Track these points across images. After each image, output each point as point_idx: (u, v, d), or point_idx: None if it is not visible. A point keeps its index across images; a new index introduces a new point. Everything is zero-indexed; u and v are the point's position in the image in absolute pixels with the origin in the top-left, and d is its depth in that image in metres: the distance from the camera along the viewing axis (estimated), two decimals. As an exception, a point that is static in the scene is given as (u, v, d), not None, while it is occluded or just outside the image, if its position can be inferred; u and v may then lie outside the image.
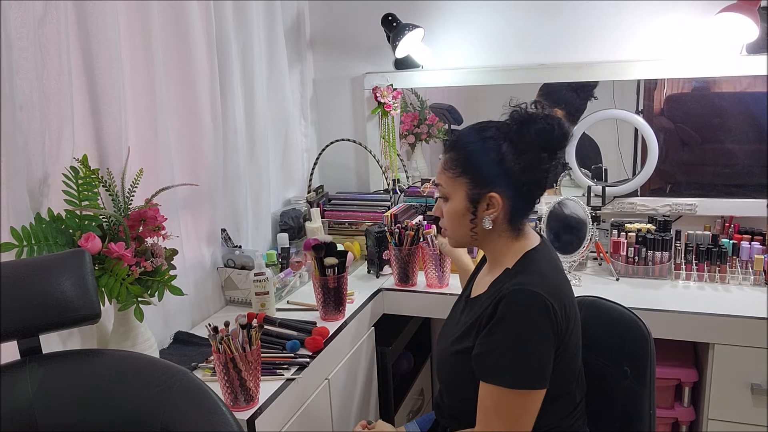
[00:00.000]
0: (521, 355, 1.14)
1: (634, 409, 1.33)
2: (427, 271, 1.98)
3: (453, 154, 1.26)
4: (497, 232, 1.26)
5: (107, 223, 1.38)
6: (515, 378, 1.14)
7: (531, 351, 1.14)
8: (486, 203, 1.23)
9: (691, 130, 2.17)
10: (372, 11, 2.31)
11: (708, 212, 2.12)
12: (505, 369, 1.15)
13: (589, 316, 1.45)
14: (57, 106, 1.34)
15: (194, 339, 1.67)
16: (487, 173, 1.22)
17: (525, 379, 1.14)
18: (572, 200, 2.01)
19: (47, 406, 1.03)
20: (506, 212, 1.24)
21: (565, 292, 1.21)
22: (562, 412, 1.25)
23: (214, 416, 1.01)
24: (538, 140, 1.21)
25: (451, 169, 1.26)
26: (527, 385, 1.14)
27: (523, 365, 1.14)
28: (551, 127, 1.22)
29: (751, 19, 1.84)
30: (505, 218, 1.25)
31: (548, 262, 1.25)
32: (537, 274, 1.20)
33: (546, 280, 1.18)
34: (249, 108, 2.02)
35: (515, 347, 1.14)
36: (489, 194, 1.22)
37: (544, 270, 1.22)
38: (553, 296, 1.16)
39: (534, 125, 1.21)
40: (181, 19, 1.67)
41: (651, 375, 1.31)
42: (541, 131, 1.21)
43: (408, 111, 2.49)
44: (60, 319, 1.04)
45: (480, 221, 1.25)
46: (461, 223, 1.27)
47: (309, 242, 1.74)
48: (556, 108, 2.26)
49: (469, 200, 1.24)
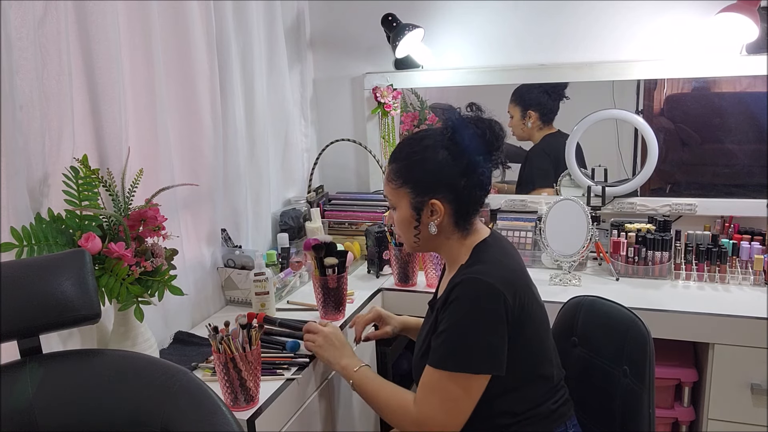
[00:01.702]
0: (463, 339, 1.18)
1: (634, 409, 1.33)
2: (427, 271, 1.98)
3: (394, 165, 1.31)
4: (445, 235, 1.31)
5: (107, 223, 1.37)
6: (455, 362, 1.18)
7: (474, 336, 1.17)
8: (429, 210, 1.28)
9: (691, 130, 2.17)
10: (372, 11, 2.31)
11: (708, 212, 2.12)
12: (447, 353, 1.18)
13: (588, 316, 1.45)
14: (57, 106, 1.34)
15: (194, 339, 1.67)
16: (426, 181, 1.27)
17: (465, 362, 1.17)
18: (572, 200, 2.01)
19: (47, 406, 1.03)
20: (450, 216, 1.28)
21: (518, 278, 1.24)
22: (540, 395, 1.27)
23: (214, 416, 1.01)
24: (471, 144, 1.25)
25: (393, 180, 1.31)
26: (467, 369, 1.17)
27: (464, 350, 1.17)
28: (482, 131, 1.26)
29: (751, 19, 1.84)
30: (450, 222, 1.29)
31: (498, 250, 1.29)
32: (486, 263, 1.24)
33: (495, 268, 1.22)
34: (249, 108, 2.02)
35: (458, 332, 1.18)
36: (430, 201, 1.27)
37: (493, 258, 1.25)
38: (503, 283, 1.19)
39: (466, 130, 1.25)
40: (181, 19, 1.67)
41: (650, 374, 1.31)
42: (472, 136, 1.25)
43: (408, 111, 2.49)
44: (60, 319, 1.04)
45: (425, 227, 1.29)
46: (408, 230, 1.32)
47: (309, 242, 1.74)
48: (530, 110, 2.28)
49: (413, 208, 1.29)
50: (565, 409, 1.31)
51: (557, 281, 1.95)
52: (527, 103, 2.29)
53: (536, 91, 2.27)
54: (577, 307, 1.48)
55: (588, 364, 1.43)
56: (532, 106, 2.29)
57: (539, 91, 2.27)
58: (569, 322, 1.49)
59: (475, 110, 1.30)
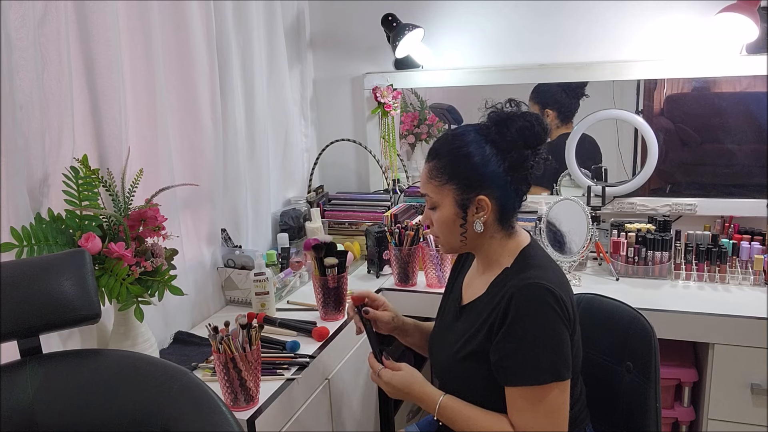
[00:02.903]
0: (543, 349, 1.14)
1: (640, 404, 1.33)
2: (427, 271, 1.98)
3: (437, 162, 1.27)
4: (489, 233, 1.27)
5: (107, 223, 1.37)
6: (545, 373, 1.14)
7: (551, 342, 1.14)
8: (475, 207, 1.24)
9: (691, 130, 2.17)
10: (372, 11, 2.31)
11: (708, 212, 2.12)
12: (533, 367, 1.14)
13: (587, 314, 1.46)
14: (57, 106, 1.34)
15: (194, 339, 1.67)
16: (474, 177, 1.23)
17: (554, 371, 1.14)
18: (572, 200, 2.01)
19: (47, 406, 1.03)
20: (496, 213, 1.26)
21: (566, 284, 1.23)
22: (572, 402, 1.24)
23: (214, 416, 1.01)
24: (520, 138, 1.22)
25: (436, 177, 1.26)
26: (558, 377, 1.14)
27: (550, 358, 1.14)
28: (530, 123, 1.23)
29: (751, 19, 1.84)
30: (495, 219, 1.26)
31: (545, 256, 1.27)
32: (540, 268, 1.21)
33: (549, 273, 1.20)
34: (249, 108, 2.02)
35: (535, 343, 1.14)
36: (477, 197, 1.23)
37: (544, 264, 1.23)
38: (561, 288, 1.17)
39: (514, 124, 1.23)
40: (181, 19, 1.68)
41: (656, 369, 1.31)
42: (521, 129, 1.23)
43: (408, 111, 2.49)
44: (60, 319, 1.04)
45: (471, 225, 1.26)
46: (452, 229, 1.27)
47: (309, 242, 1.74)
48: (548, 109, 2.27)
49: (459, 206, 1.25)
50: (584, 415, 1.31)
51: (557, 281, 1.95)
52: (545, 102, 2.28)
53: (554, 89, 2.25)
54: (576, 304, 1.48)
55: (587, 361, 1.42)
56: (550, 104, 2.27)
57: (557, 90, 2.25)
58: None
59: (515, 105, 1.28)
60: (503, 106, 1.28)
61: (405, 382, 1.31)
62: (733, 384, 1.69)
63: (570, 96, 2.25)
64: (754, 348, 1.65)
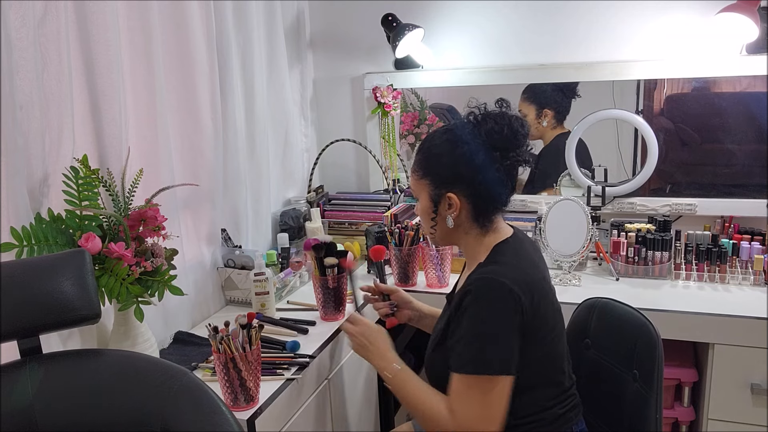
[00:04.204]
0: (486, 341, 1.17)
1: (642, 413, 1.33)
2: (427, 271, 1.98)
3: (418, 156, 1.34)
4: (464, 229, 1.31)
5: (107, 223, 1.37)
6: (481, 364, 1.17)
7: (495, 337, 1.17)
8: (446, 203, 1.28)
9: (691, 130, 2.17)
10: (372, 11, 2.31)
11: (708, 212, 2.12)
12: (471, 356, 1.18)
13: (601, 318, 1.45)
14: (57, 106, 1.34)
15: (194, 339, 1.67)
16: (444, 175, 1.28)
17: (490, 363, 1.17)
18: (572, 200, 2.01)
19: (47, 406, 1.03)
20: (468, 211, 1.29)
21: (533, 280, 1.23)
22: (549, 399, 1.27)
23: (214, 416, 1.01)
24: (489, 140, 1.24)
25: (416, 171, 1.33)
26: (493, 370, 1.17)
27: (489, 351, 1.17)
28: (500, 127, 1.25)
29: (751, 19, 1.84)
30: (468, 217, 1.29)
31: (517, 251, 1.28)
32: (503, 264, 1.23)
33: (512, 269, 1.21)
34: (249, 108, 2.02)
35: (478, 334, 1.17)
36: (447, 195, 1.27)
37: (510, 260, 1.25)
38: (519, 284, 1.18)
39: (485, 125, 1.25)
40: (181, 19, 1.67)
41: (659, 379, 1.31)
42: (490, 131, 1.25)
43: (408, 111, 2.49)
44: (60, 319, 1.04)
45: (443, 220, 1.30)
46: (426, 221, 1.34)
47: (309, 242, 1.74)
48: (546, 108, 2.27)
49: (431, 200, 1.31)
50: (573, 414, 1.30)
51: (557, 281, 1.95)
52: (542, 102, 2.27)
53: (550, 88, 2.24)
54: (591, 309, 1.48)
55: (599, 366, 1.42)
56: (548, 104, 2.26)
57: (553, 89, 2.24)
58: (583, 324, 1.49)
59: (503, 106, 1.30)
60: (486, 106, 1.30)
61: (377, 335, 1.41)
62: (733, 384, 1.69)
63: (566, 95, 2.24)
64: (754, 348, 1.65)
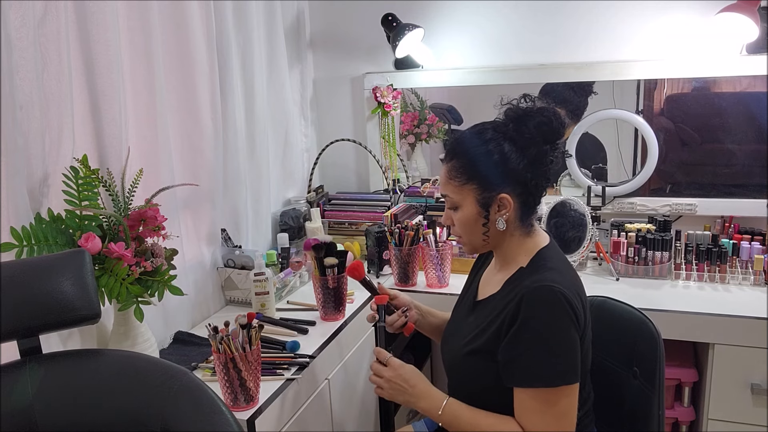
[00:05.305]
0: (553, 352, 1.14)
1: (643, 410, 1.33)
2: (427, 271, 1.98)
3: (456, 162, 1.25)
4: (509, 231, 1.26)
5: (107, 223, 1.37)
6: (553, 376, 1.14)
7: (561, 346, 1.14)
8: (497, 205, 1.23)
9: (691, 130, 2.17)
10: (372, 11, 2.31)
11: (708, 212, 2.12)
12: (541, 369, 1.14)
13: (598, 317, 1.44)
14: (57, 106, 1.34)
15: (194, 339, 1.67)
16: (494, 175, 1.22)
17: (562, 374, 1.14)
18: (572, 200, 2.01)
19: (47, 406, 1.03)
20: (517, 210, 1.25)
21: (580, 288, 1.22)
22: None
23: (214, 416, 1.01)
24: (539, 134, 1.22)
25: (456, 177, 1.25)
26: (566, 380, 1.14)
27: (558, 361, 1.14)
28: (548, 119, 1.22)
29: (751, 19, 1.84)
30: (516, 217, 1.25)
31: (561, 259, 1.26)
32: (554, 271, 1.20)
33: (563, 276, 1.19)
34: (249, 108, 2.02)
35: (546, 345, 1.14)
36: (499, 196, 1.22)
37: (559, 266, 1.22)
38: (571, 291, 1.16)
39: (531, 120, 1.22)
40: (181, 19, 1.67)
41: (660, 376, 1.31)
42: (539, 124, 1.22)
43: (408, 111, 2.49)
44: (60, 319, 1.04)
45: (493, 224, 1.25)
46: (474, 229, 1.27)
47: (309, 242, 1.74)
48: (559, 107, 2.26)
49: (480, 205, 1.24)
50: (588, 421, 1.30)
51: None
52: (554, 101, 2.25)
53: (561, 87, 2.24)
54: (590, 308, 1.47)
55: (599, 364, 1.42)
56: (558, 103, 2.25)
57: (564, 88, 2.23)
58: None
59: (530, 101, 1.27)
60: (518, 102, 1.27)
61: (412, 376, 1.31)
62: (733, 384, 1.69)
63: (578, 94, 2.23)
64: (754, 348, 1.65)
